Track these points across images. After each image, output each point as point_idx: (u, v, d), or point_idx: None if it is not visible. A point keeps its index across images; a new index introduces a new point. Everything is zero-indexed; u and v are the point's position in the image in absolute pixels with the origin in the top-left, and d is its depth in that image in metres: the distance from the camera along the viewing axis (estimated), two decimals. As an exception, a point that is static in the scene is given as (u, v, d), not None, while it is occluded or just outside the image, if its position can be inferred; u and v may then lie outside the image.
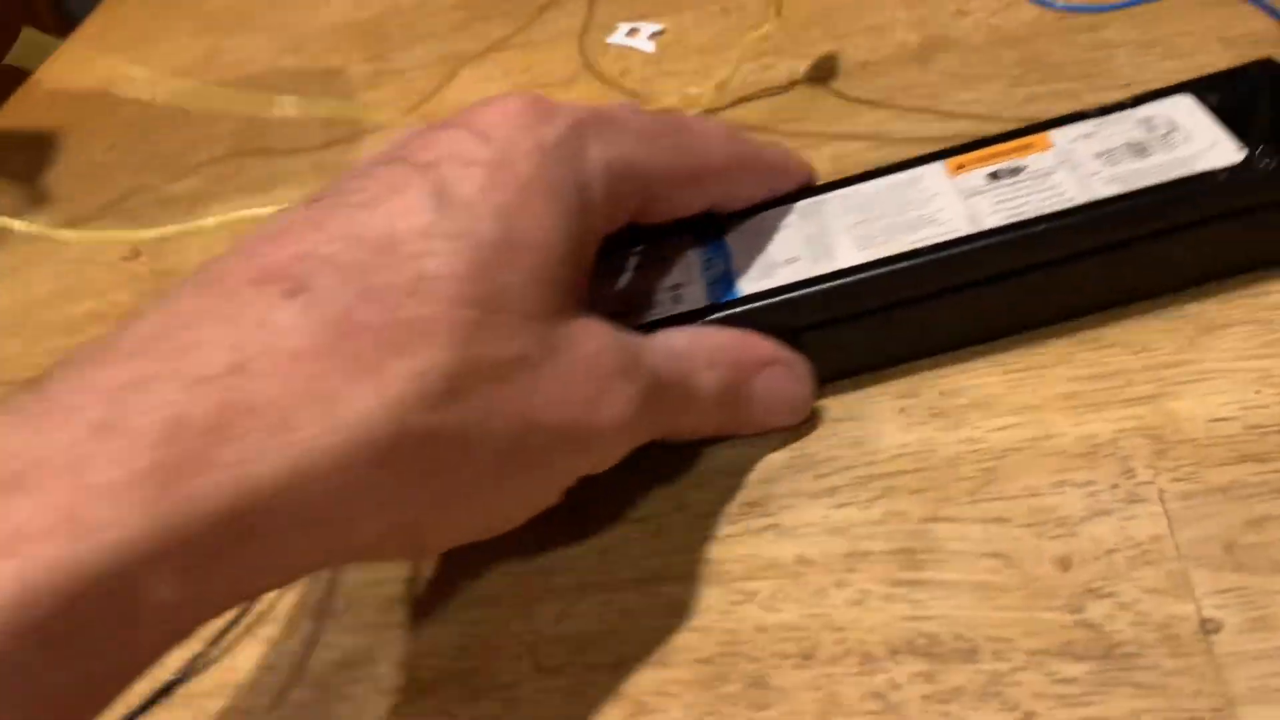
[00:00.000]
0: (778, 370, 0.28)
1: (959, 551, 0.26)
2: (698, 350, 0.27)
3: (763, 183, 0.31)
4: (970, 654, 0.24)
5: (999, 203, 0.29)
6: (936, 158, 0.31)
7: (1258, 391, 0.26)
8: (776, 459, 0.29)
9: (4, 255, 0.53)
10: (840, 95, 0.41)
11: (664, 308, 0.30)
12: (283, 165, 0.52)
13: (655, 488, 0.30)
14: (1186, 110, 0.29)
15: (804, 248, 0.30)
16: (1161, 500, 0.25)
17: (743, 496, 0.29)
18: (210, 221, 0.41)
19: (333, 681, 0.28)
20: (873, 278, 0.28)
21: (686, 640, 0.26)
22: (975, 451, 0.28)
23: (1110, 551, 0.24)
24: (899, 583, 0.25)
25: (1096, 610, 0.24)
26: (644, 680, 0.26)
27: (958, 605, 0.25)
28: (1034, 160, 0.30)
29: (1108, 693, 0.22)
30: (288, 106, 0.45)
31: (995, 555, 0.25)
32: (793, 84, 0.43)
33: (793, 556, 0.27)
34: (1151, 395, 0.27)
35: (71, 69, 0.70)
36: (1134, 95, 0.30)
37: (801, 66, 0.43)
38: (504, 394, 0.22)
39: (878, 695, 0.24)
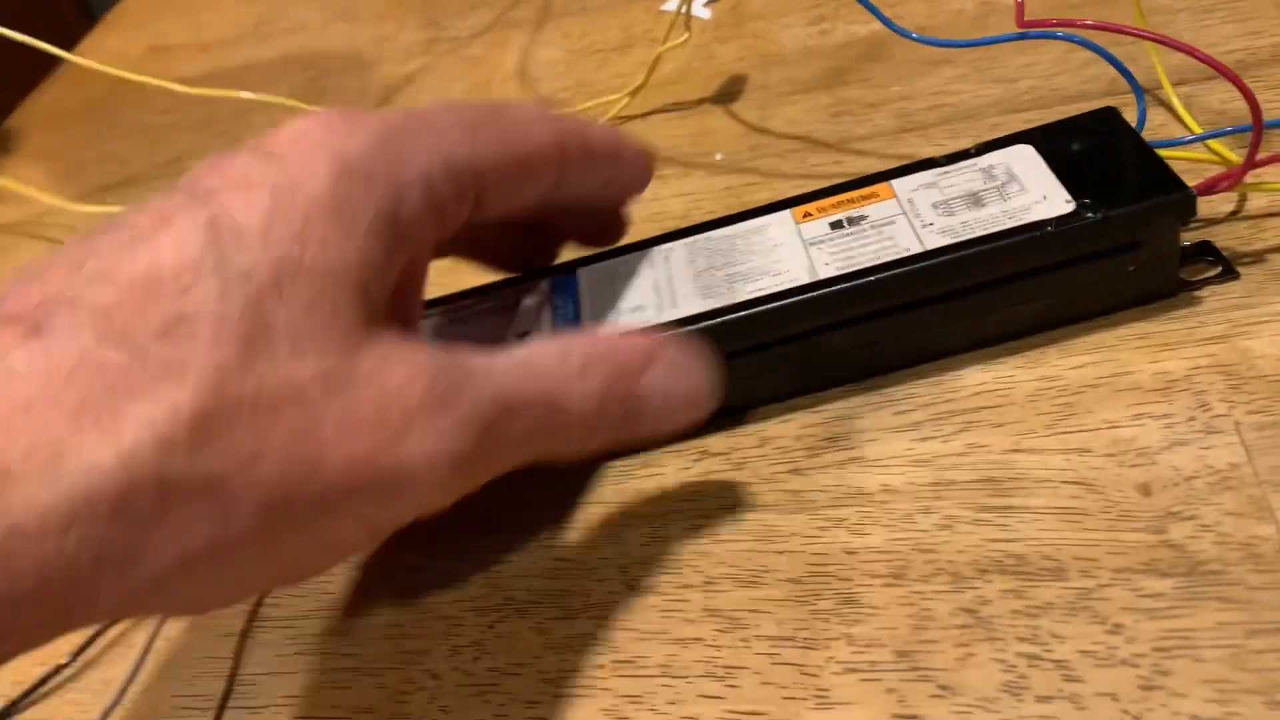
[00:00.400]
0: (665, 365, 0.26)
1: (1043, 479, 0.27)
2: (565, 361, 0.25)
3: (598, 167, 0.29)
4: (1058, 572, 0.25)
5: (836, 253, 0.30)
6: (785, 205, 0.32)
7: (1330, 331, 0.27)
8: (856, 398, 0.30)
9: (66, 216, 0.54)
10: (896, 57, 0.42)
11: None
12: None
13: (734, 425, 0.31)
14: (1027, 159, 0.30)
15: (650, 295, 0.31)
16: (1238, 431, 0.26)
17: (823, 432, 0.30)
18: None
19: (428, 602, 0.29)
20: (708, 328, 0.29)
21: (776, 562, 0.27)
22: (1053, 388, 0.28)
23: (1190, 478, 0.25)
24: (985, 508, 0.26)
25: (1179, 531, 0.25)
26: (736, 598, 0.27)
27: (1043, 528, 0.26)
28: (875, 210, 0.31)
29: (1194, 606, 0.23)
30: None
31: (1078, 483, 0.26)
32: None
33: (878, 486, 0.28)
34: (1224, 335, 0.28)
35: (118, 38, 0.71)
36: (979, 143, 0.32)
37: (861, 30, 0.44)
38: (273, 436, 0.20)
39: (969, 610, 0.25)
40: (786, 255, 0.30)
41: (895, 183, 0.31)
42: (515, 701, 0.26)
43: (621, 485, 0.30)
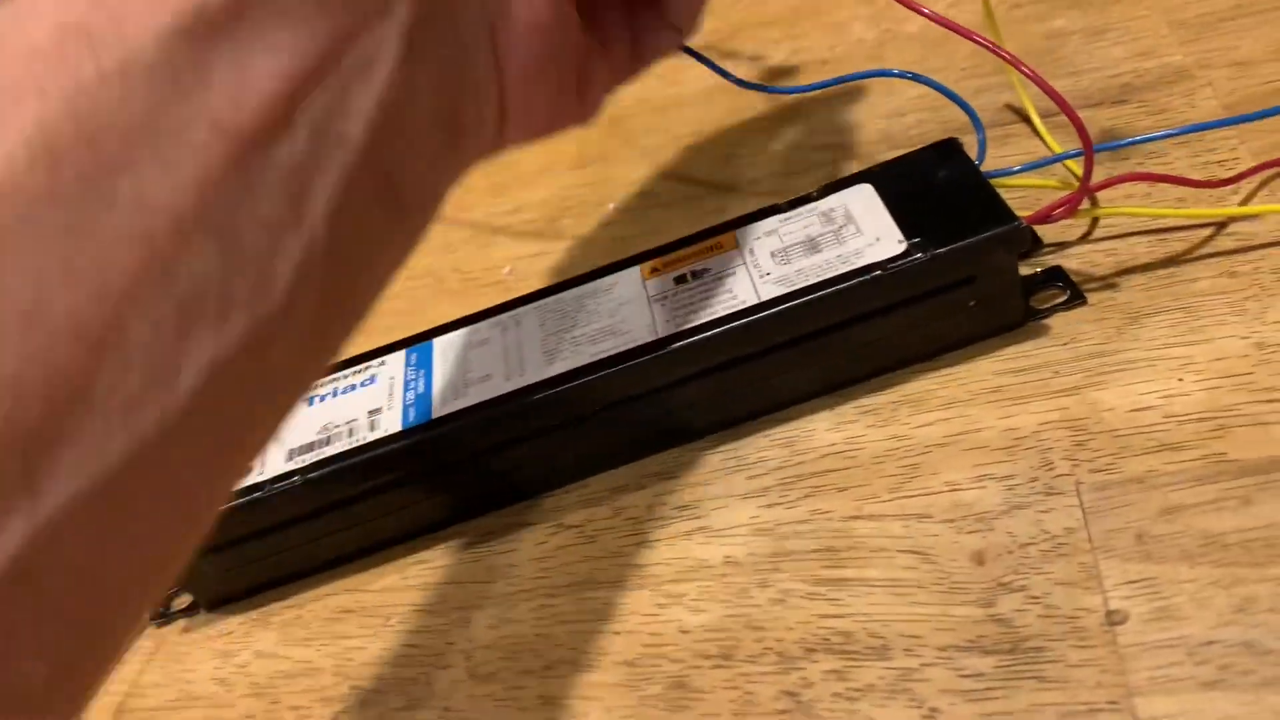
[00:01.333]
0: None
1: (879, 548, 0.26)
2: None
3: None
4: (882, 651, 0.24)
5: (676, 310, 0.29)
6: (635, 261, 0.32)
7: (1180, 380, 0.26)
8: (712, 459, 0.30)
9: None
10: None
11: (360, 435, 0.30)
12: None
13: (592, 492, 0.30)
14: (866, 199, 0.30)
15: (499, 363, 0.30)
16: (1078, 492, 0.25)
17: (675, 499, 0.29)
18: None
19: (281, 691, 0.29)
20: (558, 392, 0.29)
21: (613, 644, 0.26)
22: (901, 447, 0.28)
23: (1025, 545, 0.24)
24: (821, 581, 0.26)
25: (1008, 604, 0.24)
26: (571, 683, 0.26)
27: (874, 603, 0.25)
28: (717, 262, 0.30)
29: (1013, 687, 0.22)
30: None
31: (913, 551, 0.25)
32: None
33: (721, 558, 0.27)
34: (1076, 386, 0.27)
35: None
36: (821, 186, 0.31)
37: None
38: None
39: (790, 694, 0.24)
40: (631, 315, 0.30)
41: (740, 232, 0.31)
42: (347, 799, 0.26)
43: (475, 564, 0.30)
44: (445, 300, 0.40)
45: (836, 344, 0.29)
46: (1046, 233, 0.30)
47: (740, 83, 0.34)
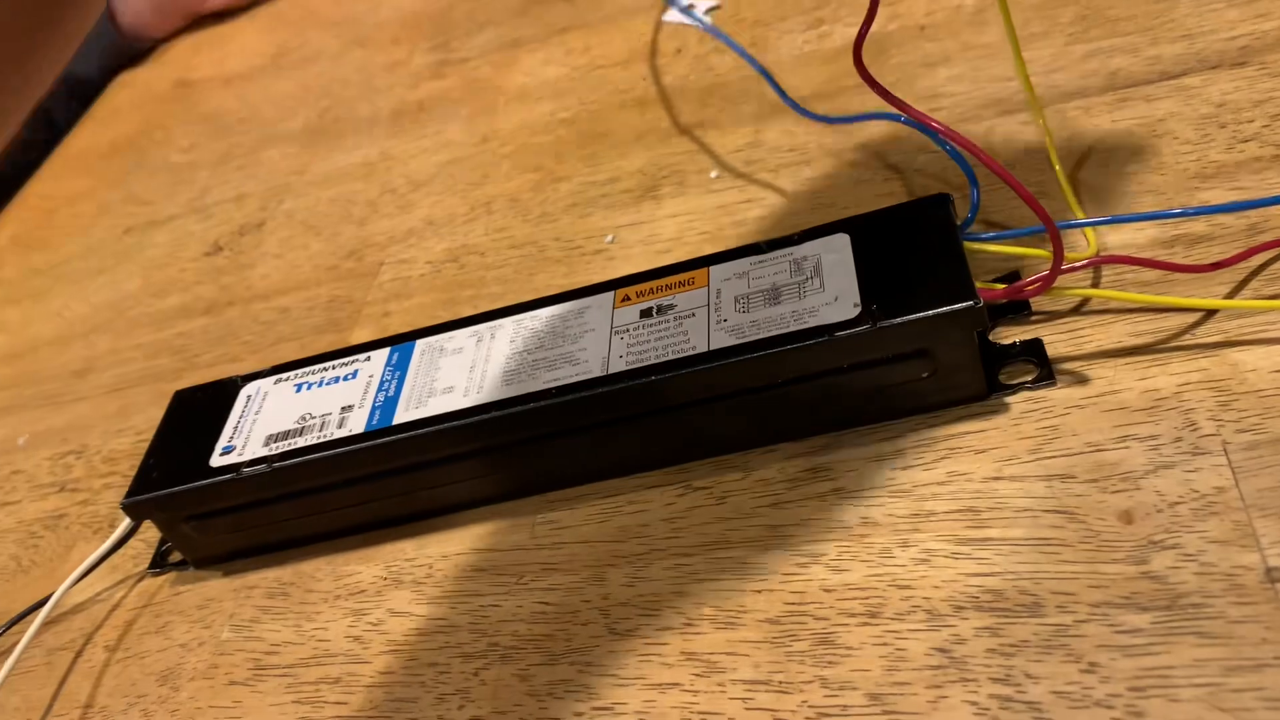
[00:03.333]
0: None
1: (1024, 509, 0.26)
2: None
3: None
4: (1034, 608, 0.24)
5: (631, 346, 0.29)
6: (613, 286, 0.32)
7: (1324, 341, 0.26)
8: (846, 433, 0.30)
9: (97, 259, 0.56)
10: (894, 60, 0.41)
11: (329, 430, 0.31)
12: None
13: (717, 459, 0.30)
14: (838, 250, 0.29)
15: (464, 377, 0.31)
16: (1225, 452, 0.25)
17: (806, 464, 0.29)
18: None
19: (417, 649, 0.30)
20: (499, 418, 0.29)
21: (754, 602, 0.27)
22: (1039, 409, 0.28)
23: (1174, 504, 0.25)
24: (964, 541, 0.26)
25: (1161, 562, 0.24)
26: (714, 640, 0.26)
27: (1022, 561, 0.25)
28: (684, 299, 0.30)
29: (1172, 642, 0.22)
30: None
31: (1059, 511, 0.25)
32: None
33: (858, 519, 0.27)
34: (1215, 345, 0.27)
35: (148, 74, 0.72)
36: (802, 230, 0.31)
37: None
38: None
39: (942, 650, 0.24)
40: (591, 344, 0.30)
41: (715, 269, 0.31)
42: (496, 751, 0.26)
43: (604, 524, 0.30)
44: (548, 269, 0.40)
45: (778, 400, 0.29)
46: (1041, 300, 0.30)
47: (798, 109, 0.35)
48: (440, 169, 0.49)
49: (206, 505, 0.33)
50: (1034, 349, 0.29)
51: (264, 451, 0.31)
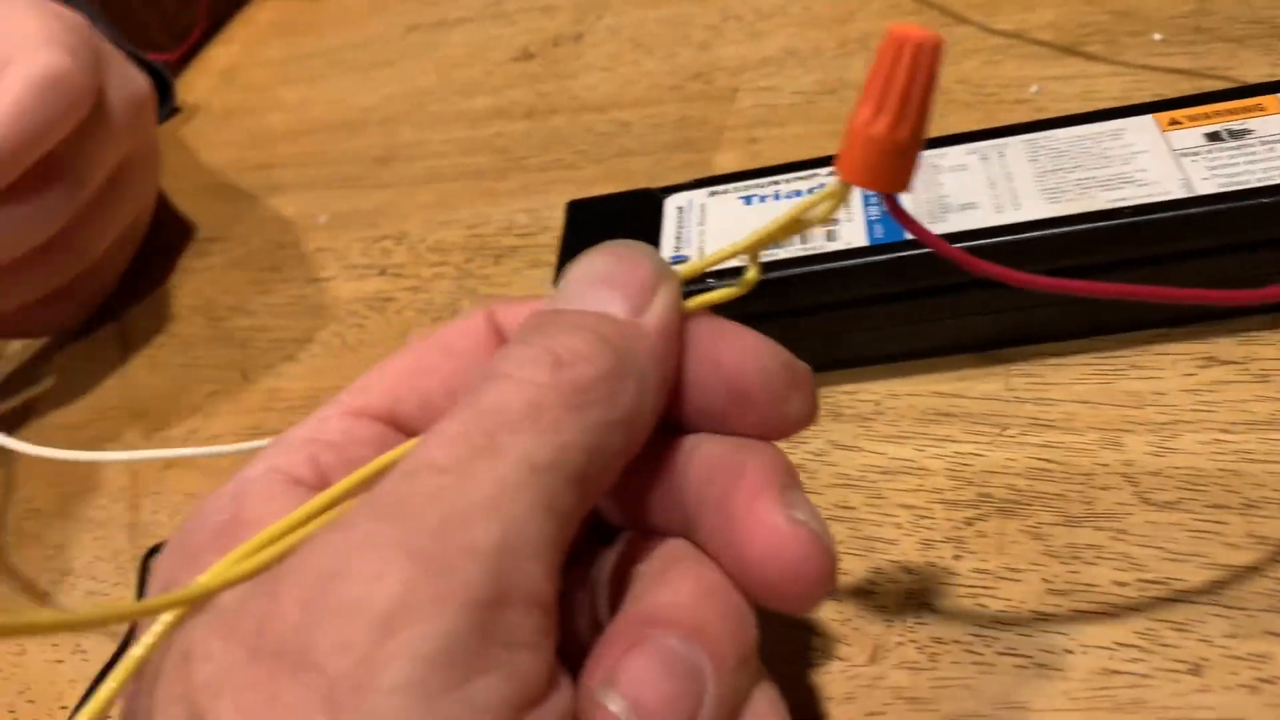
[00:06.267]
0: None
1: None
2: None
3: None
4: None
5: (1215, 168, 0.25)
6: (1145, 110, 0.28)
7: None
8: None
9: (379, 50, 0.52)
10: None
11: (814, 246, 0.27)
12: None
13: (1246, 333, 0.27)
14: None
15: (984, 193, 0.27)
16: None
17: (1366, 347, 0.25)
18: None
19: (881, 487, 0.26)
20: (1065, 234, 0.25)
21: (1337, 491, 0.23)
22: None
23: None
24: None
25: None
26: (1291, 528, 0.23)
27: None
28: (1262, 124, 0.26)
29: None
30: None
31: None
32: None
33: None
34: None
35: None
36: None
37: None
38: None
39: None
40: (1151, 165, 0.26)
41: None
42: (1019, 609, 0.23)
43: (1108, 385, 0.27)
44: (959, 113, 0.36)
45: None
46: None
47: None
48: (789, 0, 0.45)
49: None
50: None
51: (731, 263, 0.27)
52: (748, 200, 0.29)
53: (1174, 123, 0.27)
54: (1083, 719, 0.21)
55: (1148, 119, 0.27)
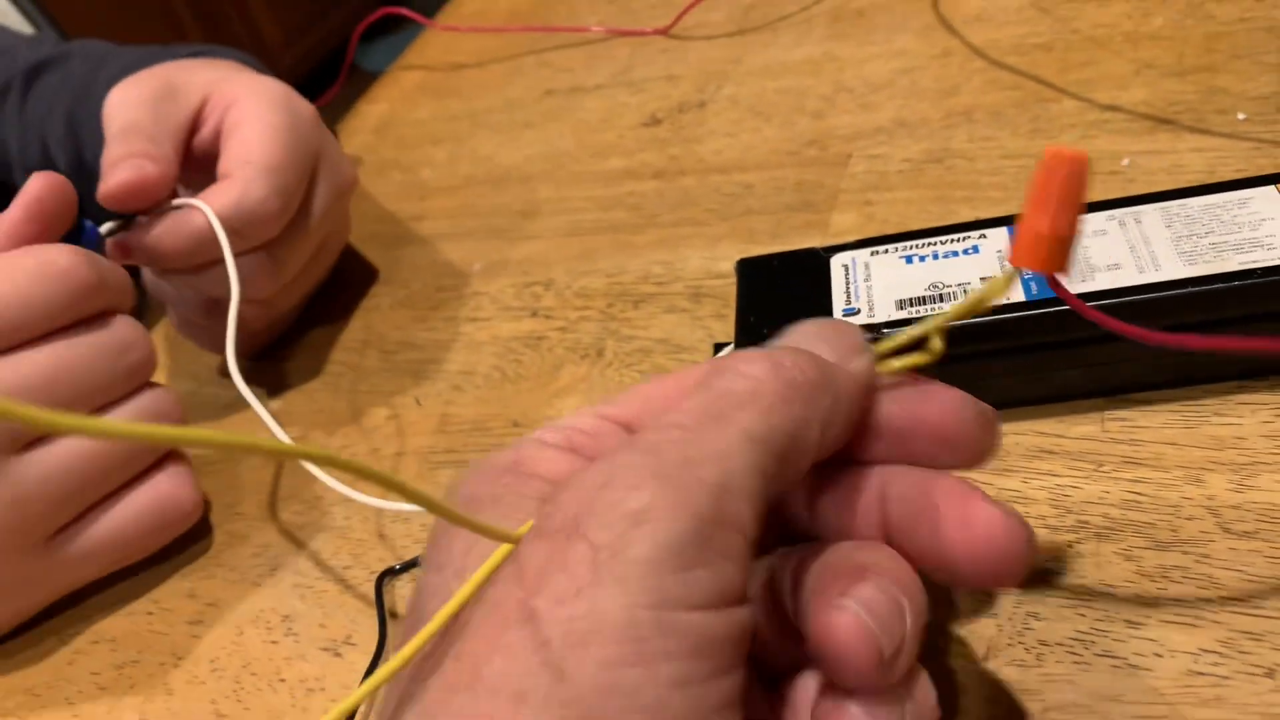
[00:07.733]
0: None
1: None
2: None
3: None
4: None
5: None
6: (1269, 181, 0.31)
7: None
8: None
9: (520, 113, 0.58)
10: None
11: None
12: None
13: (1317, 384, 0.30)
14: None
15: (1125, 255, 0.30)
16: None
17: None
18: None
19: (991, 514, 0.30)
20: (1204, 293, 0.29)
21: (1398, 527, 0.26)
22: None
23: None
24: None
25: None
26: (1355, 556, 0.26)
27: None
28: None
29: None
30: None
31: None
32: None
33: None
34: None
35: None
36: None
37: None
38: None
39: None
40: (1278, 231, 0.29)
41: None
42: (1114, 619, 0.27)
43: (1194, 429, 0.30)
44: (1057, 182, 0.40)
45: None
46: None
47: None
48: (897, 75, 0.49)
49: None
50: None
51: (900, 314, 0.32)
52: (909, 260, 0.34)
53: None
54: (1170, 711, 0.25)
55: (1271, 189, 0.31)
